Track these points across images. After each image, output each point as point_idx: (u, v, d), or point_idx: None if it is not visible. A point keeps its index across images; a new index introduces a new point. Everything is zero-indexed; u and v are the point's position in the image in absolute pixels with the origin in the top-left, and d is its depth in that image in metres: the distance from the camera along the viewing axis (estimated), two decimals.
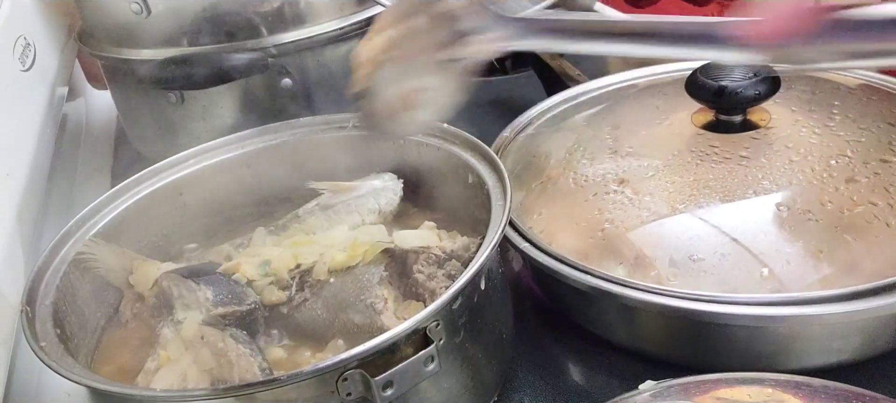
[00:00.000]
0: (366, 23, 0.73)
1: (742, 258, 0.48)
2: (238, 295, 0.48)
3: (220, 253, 0.56)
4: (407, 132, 0.56)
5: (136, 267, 0.53)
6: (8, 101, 0.64)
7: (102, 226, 0.53)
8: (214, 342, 0.45)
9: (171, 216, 0.58)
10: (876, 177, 0.51)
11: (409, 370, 0.39)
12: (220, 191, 0.60)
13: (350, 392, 0.38)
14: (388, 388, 0.38)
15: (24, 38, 0.70)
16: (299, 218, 0.58)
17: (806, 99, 0.59)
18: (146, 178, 0.57)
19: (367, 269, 0.49)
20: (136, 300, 0.52)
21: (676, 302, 0.45)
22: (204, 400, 0.39)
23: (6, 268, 0.53)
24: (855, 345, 0.47)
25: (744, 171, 0.52)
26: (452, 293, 0.40)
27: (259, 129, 0.61)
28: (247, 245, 0.57)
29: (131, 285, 0.52)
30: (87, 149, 0.95)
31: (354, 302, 0.47)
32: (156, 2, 0.69)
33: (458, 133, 0.56)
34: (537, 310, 0.58)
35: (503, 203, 0.47)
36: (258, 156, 0.61)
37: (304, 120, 0.61)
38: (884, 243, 0.47)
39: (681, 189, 0.52)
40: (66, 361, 0.42)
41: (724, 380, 0.40)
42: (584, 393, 0.51)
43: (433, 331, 0.40)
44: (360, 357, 0.37)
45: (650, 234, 0.51)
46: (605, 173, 0.56)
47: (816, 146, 0.54)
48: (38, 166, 0.67)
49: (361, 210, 0.56)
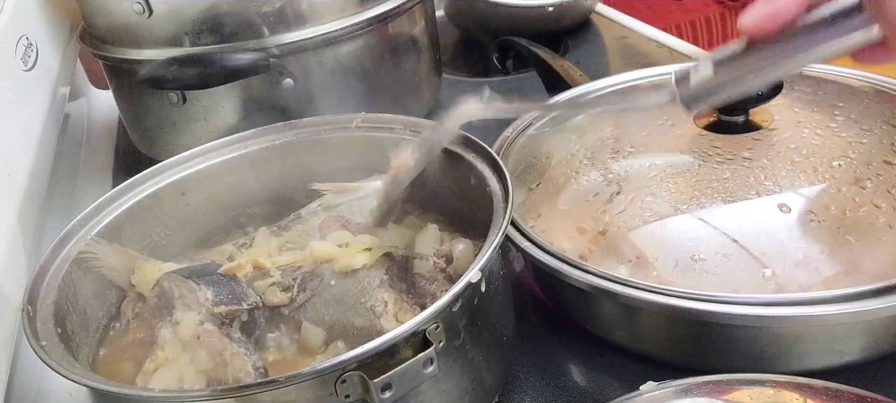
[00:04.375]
0: (367, 23, 0.74)
1: (744, 258, 0.48)
2: (238, 295, 0.48)
3: (223, 253, 0.57)
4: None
5: (138, 266, 0.53)
6: (10, 101, 0.64)
7: (104, 226, 0.53)
8: (211, 342, 0.45)
9: (174, 216, 0.58)
10: (878, 178, 0.51)
11: (407, 372, 0.38)
12: (222, 192, 0.60)
13: (349, 394, 0.38)
14: (386, 390, 0.38)
15: (26, 38, 0.70)
16: (302, 219, 0.58)
17: (808, 100, 0.59)
18: (148, 178, 0.57)
19: (368, 273, 0.49)
20: (138, 300, 0.52)
21: (678, 302, 0.45)
22: (203, 401, 0.39)
23: (8, 268, 0.53)
24: (857, 347, 0.47)
25: (746, 172, 0.52)
26: (452, 295, 0.40)
27: (262, 129, 0.61)
28: (249, 245, 0.57)
29: (133, 285, 0.52)
30: (89, 149, 0.95)
31: (355, 305, 0.47)
32: (158, 2, 0.69)
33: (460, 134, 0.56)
34: (539, 311, 0.58)
35: (505, 205, 0.47)
36: (261, 156, 0.60)
37: (306, 120, 0.61)
38: (886, 244, 0.47)
39: (683, 189, 0.52)
40: (67, 360, 0.41)
41: (726, 381, 0.40)
42: (586, 394, 0.51)
43: (433, 334, 0.39)
44: (358, 358, 0.37)
45: (652, 235, 0.51)
46: (607, 173, 0.56)
47: (819, 147, 0.53)
48: (40, 166, 0.67)
49: (364, 211, 0.57)
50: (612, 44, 1.06)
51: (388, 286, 0.48)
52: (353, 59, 0.75)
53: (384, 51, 0.78)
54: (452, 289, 0.40)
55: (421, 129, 0.57)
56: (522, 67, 0.94)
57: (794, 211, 0.50)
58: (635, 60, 1.00)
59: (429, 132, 0.52)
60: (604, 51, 1.06)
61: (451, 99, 0.95)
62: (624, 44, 1.05)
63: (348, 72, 0.75)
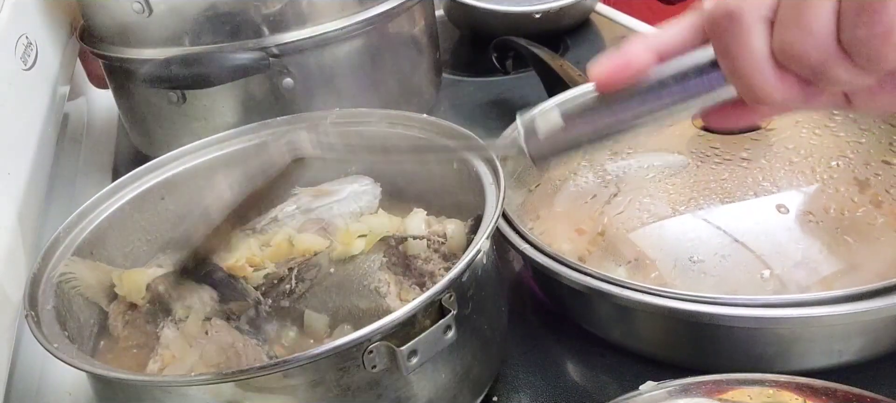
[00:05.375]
0: (367, 23, 0.73)
1: (743, 259, 0.48)
2: (240, 291, 0.49)
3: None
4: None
5: (123, 276, 0.52)
6: (9, 100, 0.64)
7: (90, 232, 0.53)
8: (220, 336, 0.46)
9: (154, 221, 0.58)
10: (877, 178, 0.51)
11: (430, 338, 0.41)
12: (201, 194, 0.60)
13: (375, 365, 0.40)
14: (412, 357, 0.40)
15: (25, 38, 0.70)
16: (278, 222, 0.58)
17: None
18: (129, 183, 0.58)
19: (367, 257, 0.50)
20: (127, 309, 0.52)
21: (677, 304, 0.45)
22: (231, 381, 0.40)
23: (8, 267, 0.53)
24: (856, 347, 0.47)
25: (744, 173, 0.52)
26: (464, 264, 0.42)
27: (237, 130, 0.61)
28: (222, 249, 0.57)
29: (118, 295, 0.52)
30: (89, 148, 0.95)
31: (358, 288, 0.48)
32: (157, 1, 0.69)
33: (436, 122, 0.57)
34: (538, 312, 0.58)
35: (495, 179, 0.49)
36: (237, 157, 0.61)
37: (281, 119, 0.62)
38: (885, 244, 0.47)
39: (681, 190, 0.52)
40: (85, 357, 0.42)
41: (725, 381, 0.40)
42: (585, 394, 0.51)
43: (448, 302, 0.42)
44: (382, 330, 0.39)
45: (651, 236, 0.51)
46: (606, 175, 0.56)
47: (817, 147, 0.54)
48: (40, 165, 0.67)
49: (343, 213, 0.57)
50: (612, 43, 1.06)
51: (387, 268, 0.49)
52: (352, 59, 0.75)
53: (384, 50, 0.78)
54: (464, 258, 0.42)
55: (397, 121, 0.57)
56: (522, 67, 0.93)
57: (792, 212, 0.50)
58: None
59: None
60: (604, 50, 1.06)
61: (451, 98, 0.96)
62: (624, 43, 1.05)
63: (348, 71, 0.75)
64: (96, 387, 0.46)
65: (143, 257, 0.57)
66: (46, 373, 0.59)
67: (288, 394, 0.40)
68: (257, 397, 0.40)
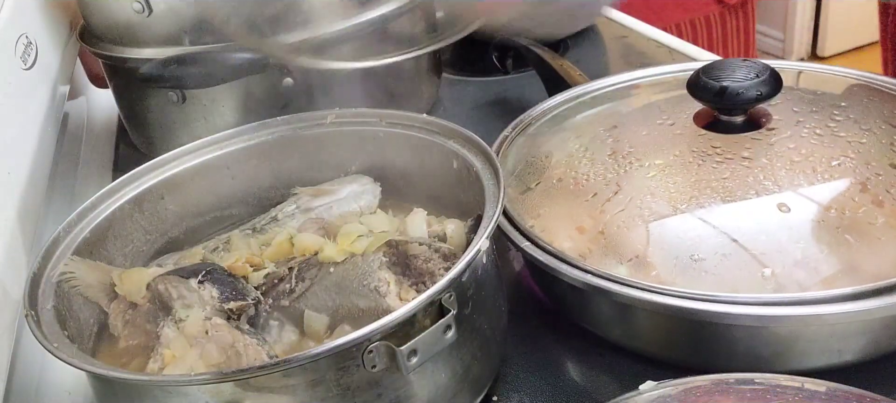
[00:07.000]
0: (367, 24, 0.73)
1: (743, 258, 0.48)
2: (241, 290, 0.49)
3: (195, 256, 0.56)
4: None
5: (123, 276, 0.52)
6: (9, 100, 0.64)
7: (90, 232, 0.53)
8: (221, 336, 0.46)
9: (154, 220, 0.58)
10: (878, 178, 0.51)
11: (429, 338, 0.41)
12: (201, 194, 0.60)
13: (375, 365, 0.40)
14: (412, 356, 0.40)
15: (25, 37, 0.70)
16: (278, 222, 0.58)
17: (808, 99, 0.59)
18: (129, 182, 0.58)
19: (367, 257, 0.50)
20: (128, 308, 0.51)
21: (677, 302, 0.45)
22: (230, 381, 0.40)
23: (8, 266, 0.53)
24: (856, 346, 0.47)
25: (745, 172, 0.52)
26: (465, 263, 0.42)
27: (237, 130, 0.61)
28: (220, 249, 0.57)
29: (118, 295, 0.52)
30: (89, 148, 0.95)
31: (358, 288, 0.48)
32: (157, 1, 0.69)
33: (436, 122, 0.57)
34: (537, 311, 0.58)
35: (495, 178, 0.50)
36: (236, 157, 0.61)
37: (280, 119, 0.62)
38: (885, 244, 0.47)
39: (682, 189, 0.52)
40: (84, 357, 0.42)
41: (725, 381, 0.40)
42: (585, 394, 0.51)
43: (448, 302, 0.42)
44: (382, 330, 0.39)
45: (651, 234, 0.51)
46: (606, 173, 0.56)
47: (818, 147, 0.53)
48: (40, 164, 0.67)
49: (343, 212, 0.57)
50: (612, 43, 1.06)
51: (386, 267, 0.49)
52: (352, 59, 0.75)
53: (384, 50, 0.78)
54: (464, 257, 0.42)
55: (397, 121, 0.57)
56: (522, 67, 0.93)
57: (793, 211, 0.50)
58: (635, 60, 1.00)
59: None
60: (604, 50, 1.05)
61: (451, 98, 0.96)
62: (624, 43, 1.05)
63: (348, 71, 0.75)
64: (96, 387, 0.46)
65: (142, 257, 0.57)
66: (46, 373, 0.59)
67: (288, 394, 0.40)
68: (257, 397, 0.40)
